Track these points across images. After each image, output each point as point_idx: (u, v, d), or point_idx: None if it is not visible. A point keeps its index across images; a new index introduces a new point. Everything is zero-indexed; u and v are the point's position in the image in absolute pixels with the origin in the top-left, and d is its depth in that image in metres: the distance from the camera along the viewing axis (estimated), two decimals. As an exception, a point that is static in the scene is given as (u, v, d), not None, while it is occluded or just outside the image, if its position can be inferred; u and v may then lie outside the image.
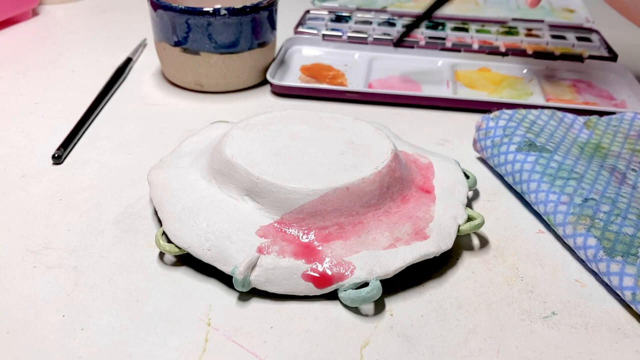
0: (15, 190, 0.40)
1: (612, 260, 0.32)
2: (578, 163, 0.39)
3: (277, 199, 0.33)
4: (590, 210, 0.35)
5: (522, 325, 0.31)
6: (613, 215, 0.34)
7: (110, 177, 0.41)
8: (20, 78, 0.55)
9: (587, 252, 0.34)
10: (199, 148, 0.40)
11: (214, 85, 0.53)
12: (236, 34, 0.51)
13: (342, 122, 0.40)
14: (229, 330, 0.30)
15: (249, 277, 0.31)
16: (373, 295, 0.30)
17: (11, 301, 0.31)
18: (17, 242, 0.35)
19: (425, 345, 0.29)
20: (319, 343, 0.29)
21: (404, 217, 0.34)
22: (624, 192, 0.37)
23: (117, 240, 0.35)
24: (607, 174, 0.38)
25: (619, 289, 0.32)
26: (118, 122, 0.49)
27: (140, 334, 0.29)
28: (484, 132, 0.43)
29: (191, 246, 0.33)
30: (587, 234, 0.34)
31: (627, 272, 0.32)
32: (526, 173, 0.39)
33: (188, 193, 0.35)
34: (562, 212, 0.36)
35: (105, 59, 0.59)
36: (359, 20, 0.67)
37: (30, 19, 0.68)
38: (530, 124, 0.43)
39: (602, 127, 0.44)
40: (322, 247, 0.32)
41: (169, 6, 0.50)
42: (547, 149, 0.40)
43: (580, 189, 0.37)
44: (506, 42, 0.63)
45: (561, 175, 0.38)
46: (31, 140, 0.45)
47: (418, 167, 0.38)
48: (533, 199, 0.38)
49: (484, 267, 0.35)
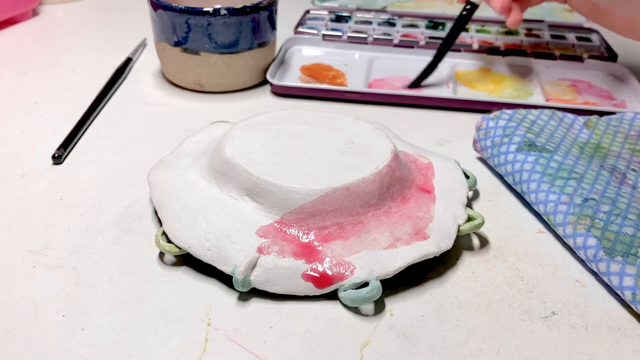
0: (15, 190, 0.40)
1: (612, 260, 0.32)
2: (578, 163, 0.39)
3: (277, 199, 0.33)
4: (590, 210, 0.35)
5: (522, 325, 0.31)
6: (613, 215, 0.34)
7: (110, 177, 0.41)
8: (20, 78, 0.55)
9: (587, 252, 0.34)
10: (199, 148, 0.40)
11: (214, 85, 0.53)
12: (236, 34, 0.51)
13: (342, 122, 0.40)
14: (229, 330, 0.30)
15: (249, 277, 0.31)
16: (373, 295, 0.30)
17: (11, 301, 0.31)
18: (17, 242, 0.35)
19: (425, 345, 0.29)
20: (319, 343, 0.29)
21: (404, 217, 0.34)
22: (624, 192, 0.37)
23: (117, 240, 0.35)
24: (607, 174, 0.38)
25: (619, 289, 0.32)
26: (118, 122, 0.49)
27: (140, 334, 0.29)
28: (484, 132, 0.43)
29: (191, 246, 0.33)
30: (587, 234, 0.34)
31: (627, 272, 0.32)
32: (526, 173, 0.39)
33: (188, 193, 0.35)
34: (562, 212, 0.36)
35: (105, 59, 0.59)
36: (359, 20, 0.67)
37: (30, 19, 0.68)
38: (530, 124, 0.43)
39: (602, 127, 0.44)
40: (322, 247, 0.32)
41: (169, 6, 0.50)
42: (547, 149, 0.40)
43: (580, 189, 0.37)
44: (506, 42, 0.63)
45: (561, 175, 0.38)
46: (31, 140, 0.45)
47: (418, 167, 0.38)
48: (533, 199, 0.38)
49: (484, 267, 0.35)
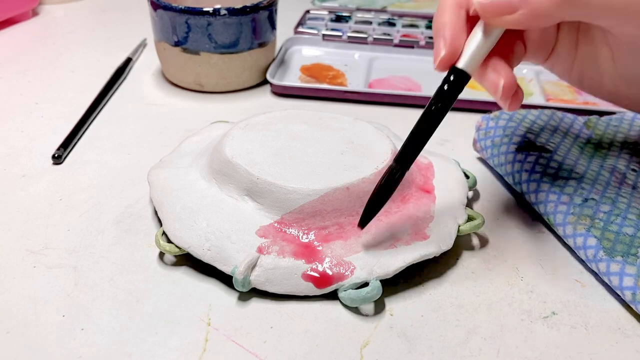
0: (15, 190, 0.40)
1: (612, 260, 0.32)
2: (578, 163, 0.39)
3: (277, 199, 0.33)
4: (590, 210, 0.35)
5: (522, 325, 0.31)
6: (613, 215, 0.34)
7: (110, 177, 0.41)
8: (20, 78, 0.55)
9: (587, 252, 0.34)
10: (199, 148, 0.40)
11: (214, 85, 0.53)
12: (236, 34, 0.51)
13: (342, 122, 0.40)
14: (229, 330, 0.30)
15: (249, 277, 0.31)
16: (373, 295, 0.30)
17: (11, 301, 0.31)
18: (17, 242, 0.35)
19: (425, 345, 0.29)
20: (319, 343, 0.29)
21: (404, 217, 0.34)
22: (624, 192, 0.37)
23: (117, 240, 0.35)
24: (607, 174, 0.38)
25: (619, 289, 0.32)
26: (118, 122, 0.49)
27: (140, 334, 0.29)
28: (484, 132, 0.43)
29: (191, 246, 0.33)
30: (587, 234, 0.34)
31: (627, 272, 0.32)
32: (526, 173, 0.39)
33: (188, 193, 0.35)
34: (562, 212, 0.36)
35: (105, 59, 0.59)
36: (359, 20, 0.67)
37: (30, 19, 0.68)
38: (530, 124, 0.43)
39: (602, 127, 0.44)
40: (322, 247, 0.32)
41: (169, 6, 0.50)
42: (547, 149, 0.40)
43: (580, 189, 0.37)
44: (506, 42, 0.63)
45: (561, 175, 0.38)
46: (31, 140, 0.45)
47: (418, 167, 0.38)
48: (533, 199, 0.38)
49: (484, 267, 0.35)
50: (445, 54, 0.30)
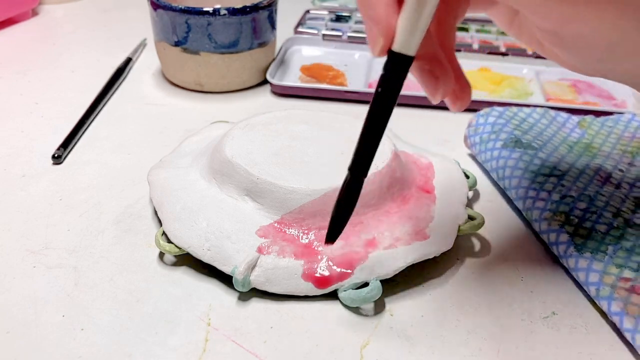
0: (15, 190, 0.40)
1: (580, 257, 0.32)
2: (563, 161, 0.39)
3: (277, 199, 0.33)
4: (567, 207, 0.35)
5: (522, 325, 0.31)
6: (589, 213, 0.35)
7: (110, 177, 0.41)
8: (20, 78, 0.55)
9: (559, 248, 0.34)
10: (199, 148, 0.40)
11: (214, 85, 0.53)
12: (236, 33, 0.51)
13: (342, 122, 0.40)
14: (229, 330, 0.30)
15: (249, 277, 0.31)
16: (373, 295, 0.30)
17: (11, 301, 0.31)
18: (17, 242, 0.35)
19: (425, 345, 0.29)
20: (319, 343, 0.29)
21: (404, 217, 0.34)
22: (604, 190, 0.37)
23: (117, 240, 0.35)
24: (591, 172, 0.39)
25: (585, 285, 0.32)
26: (118, 122, 0.49)
27: (140, 334, 0.29)
28: (473, 129, 0.43)
29: (191, 246, 0.33)
30: (560, 230, 0.34)
31: (594, 268, 0.32)
32: (509, 169, 0.39)
33: (188, 193, 0.35)
34: (539, 209, 0.36)
35: (105, 59, 0.59)
36: (359, 20, 0.67)
37: (30, 19, 0.68)
38: (520, 122, 0.43)
39: (595, 127, 0.44)
40: (322, 247, 0.32)
41: (169, 6, 0.50)
42: (532, 146, 0.40)
43: (559, 187, 0.37)
44: (506, 42, 0.63)
45: (543, 172, 0.38)
46: (31, 140, 0.45)
47: (418, 167, 0.38)
48: (514, 195, 0.38)
49: (484, 267, 0.35)
50: (378, 37, 0.25)
